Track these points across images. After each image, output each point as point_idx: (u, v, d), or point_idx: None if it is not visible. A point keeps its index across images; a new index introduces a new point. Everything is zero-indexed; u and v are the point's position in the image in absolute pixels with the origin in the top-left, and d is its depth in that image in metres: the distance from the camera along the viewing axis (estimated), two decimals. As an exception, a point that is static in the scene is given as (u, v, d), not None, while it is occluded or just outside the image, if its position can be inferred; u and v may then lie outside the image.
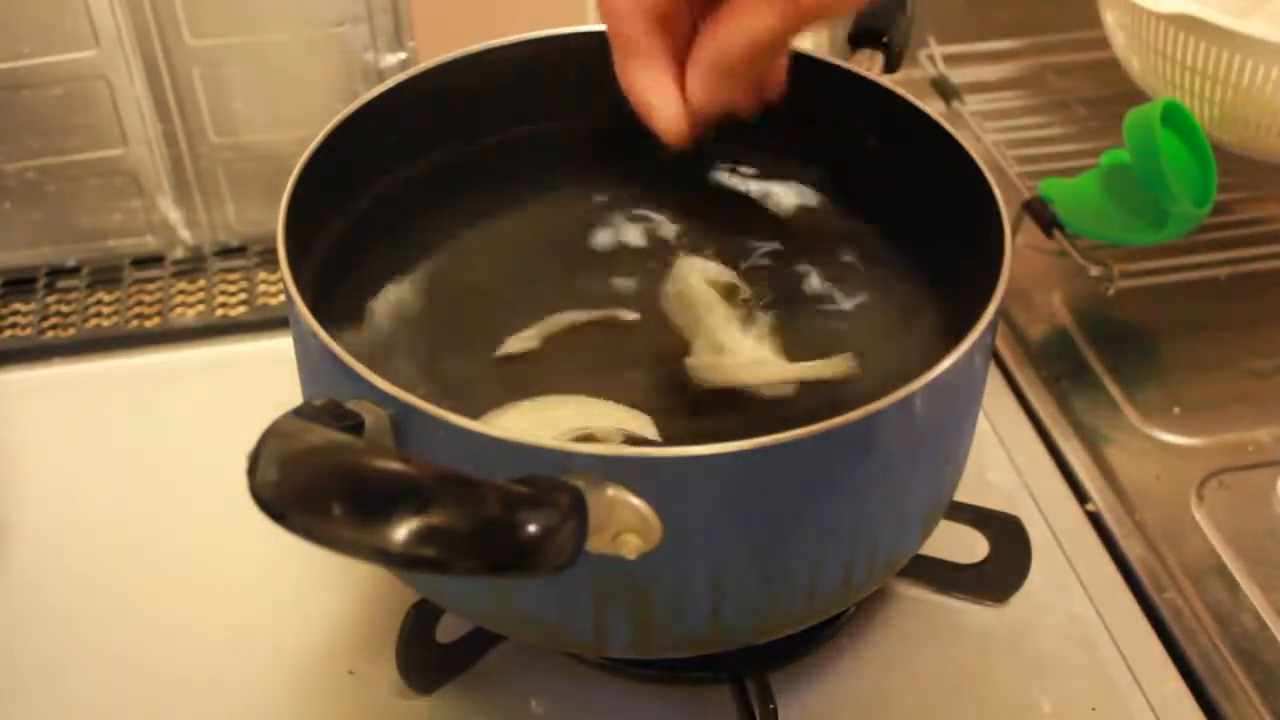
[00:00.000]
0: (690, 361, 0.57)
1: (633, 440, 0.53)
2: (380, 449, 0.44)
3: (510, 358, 0.58)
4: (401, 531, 0.37)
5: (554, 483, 0.41)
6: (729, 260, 0.63)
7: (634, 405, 0.55)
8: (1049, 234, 0.82)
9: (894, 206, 0.64)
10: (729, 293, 0.61)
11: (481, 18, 0.75)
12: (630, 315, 0.60)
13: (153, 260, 0.88)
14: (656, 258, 0.63)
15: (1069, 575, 0.67)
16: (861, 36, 0.66)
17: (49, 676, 0.62)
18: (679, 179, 0.64)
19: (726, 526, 0.48)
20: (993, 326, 0.51)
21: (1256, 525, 0.70)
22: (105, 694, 0.61)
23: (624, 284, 0.62)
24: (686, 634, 0.51)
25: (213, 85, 0.83)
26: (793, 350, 0.58)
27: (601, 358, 0.58)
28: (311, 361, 0.51)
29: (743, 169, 0.67)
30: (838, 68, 0.64)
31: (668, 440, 0.54)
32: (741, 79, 0.52)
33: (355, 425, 0.45)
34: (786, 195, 0.66)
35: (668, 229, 0.65)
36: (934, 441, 0.52)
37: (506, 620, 0.53)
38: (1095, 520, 0.71)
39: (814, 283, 0.62)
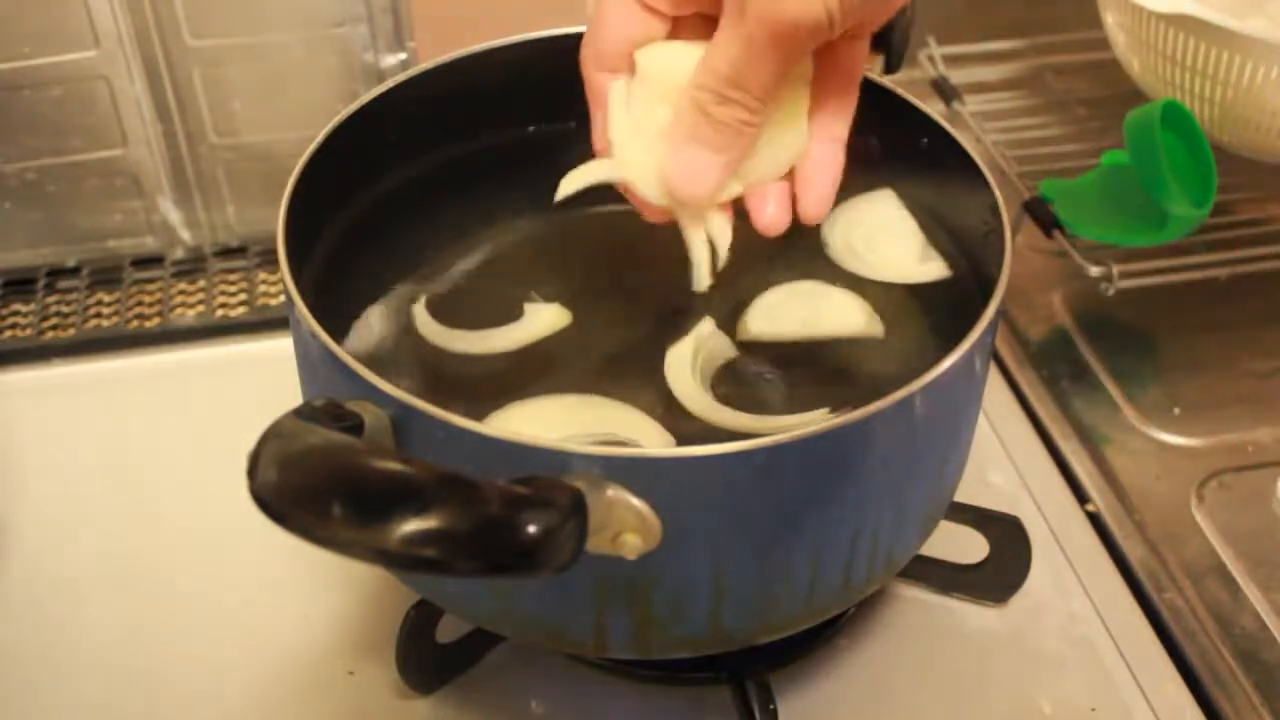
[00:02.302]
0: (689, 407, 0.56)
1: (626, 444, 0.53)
2: (380, 449, 0.44)
3: (509, 356, 0.58)
4: (401, 532, 0.37)
5: (554, 483, 0.41)
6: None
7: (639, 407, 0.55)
8: (1049, 234, 0.82)
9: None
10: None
11: (481, 18, 0.75)
12: (630, 311, 0.60)
13: (153, 260, 0.88)
14: (656, 258, 0.63)
15: (1069, 575, 0.67)
16: (861, 37, 0.66)
17: (49, 675, 0.62)
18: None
19: (726, 526, 0.48)
20: (993, 327, 0.51)
21: (1256, 525, 0.70)
22: (105, 694, 0.61)
23: (624, 283, 0.62)
24: (686, 634, 0.51)
25: (213, 85, 0.83)
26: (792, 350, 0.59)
27: (599, 356, 0.58)
28: (311, 362, 0.51)
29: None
30: (838, 68, 0.64)
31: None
32: (715, 142, 0.48)
33: (355, 425, 0.45)
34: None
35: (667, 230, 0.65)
36: (934, 442, 0.52)
37: (506, 620, 0.53)
38: (1095, 520, 0.71)
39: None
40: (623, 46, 0.51)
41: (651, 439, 0.53)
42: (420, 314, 0.59)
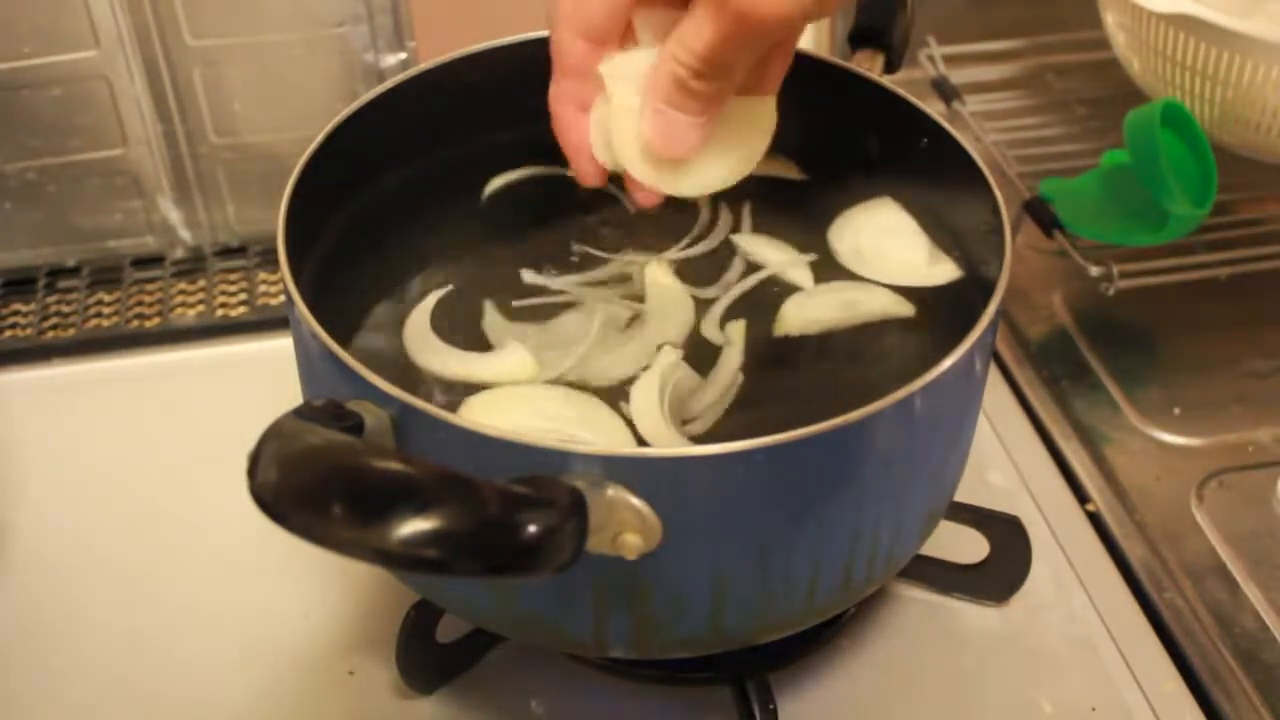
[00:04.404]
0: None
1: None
2: (380, 449, 0.44)
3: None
4: (401, 532, 0.37)
5: (554, 483, 0.41)
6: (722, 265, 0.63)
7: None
8: (1049, 234, 0.82)
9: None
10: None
11: (481, 18, 0.75)
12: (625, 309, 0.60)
13: (153, 260, 0.88)
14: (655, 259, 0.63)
15: (1069, 575, 0.67)
16: (862, 37, 0.66)
17: (48, 675, 0.62)
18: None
19: (726, 526, 0.48)
20: (993, 326, 0.51)
21: (1256, 525, 0.70)
22: (104, 694, 0.61)
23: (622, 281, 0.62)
24: (686, 634, 0.51)
25: (213, 85, 0.84)
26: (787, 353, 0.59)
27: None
28: (311, 362, 0.51)
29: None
30: (838, 67, 0.64)
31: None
32: (691, 109, 0.50)
33: (355, 425, 0.45)
34: (785, 194, 0.66)
35: (665, 230, 0.65)
36: (934, 441, 0.52)
37: (506, 620, 0.53)
38: (1095, 520, 0.71)
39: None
40: (611, 14, 0.52)
41: (607, 433, 0.53)
42: (412, 322, 0.58)
